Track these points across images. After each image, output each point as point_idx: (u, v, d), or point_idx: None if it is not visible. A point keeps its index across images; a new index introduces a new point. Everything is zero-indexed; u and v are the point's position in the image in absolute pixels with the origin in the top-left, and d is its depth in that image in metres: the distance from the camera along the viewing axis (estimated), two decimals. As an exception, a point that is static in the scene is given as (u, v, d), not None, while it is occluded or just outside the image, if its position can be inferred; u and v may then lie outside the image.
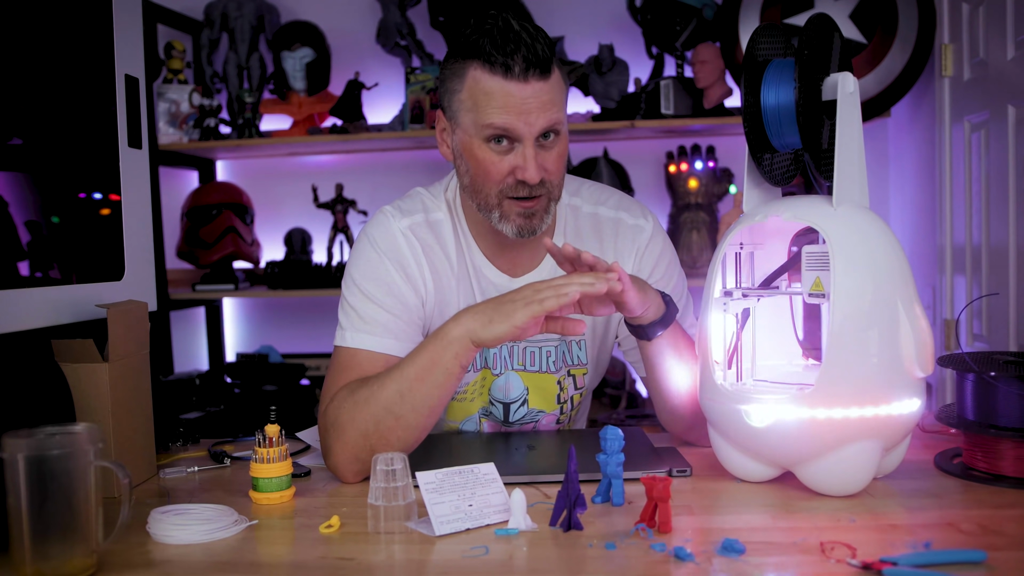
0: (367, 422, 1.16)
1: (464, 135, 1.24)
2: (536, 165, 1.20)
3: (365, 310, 1.27)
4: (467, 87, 1.21)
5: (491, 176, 1.23)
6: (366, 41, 3.01)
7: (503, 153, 1.22)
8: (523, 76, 1.18)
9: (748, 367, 1.23)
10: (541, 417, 1.41)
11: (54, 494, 0.87)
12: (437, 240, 1.34)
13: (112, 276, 1.36)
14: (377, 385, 1.18)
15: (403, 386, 1.16)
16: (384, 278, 1.29)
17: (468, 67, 1.21)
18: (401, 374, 1.17)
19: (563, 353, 1.39)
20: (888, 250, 1.07)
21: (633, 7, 2.79)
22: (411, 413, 1.16)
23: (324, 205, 2.97)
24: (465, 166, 1.26)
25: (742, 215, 1.18)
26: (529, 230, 1.25)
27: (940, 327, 2.49)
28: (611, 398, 2.85)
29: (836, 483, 1.06)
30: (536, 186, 1.22)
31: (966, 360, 1.16)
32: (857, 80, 1.10)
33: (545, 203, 1.25)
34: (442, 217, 1.35)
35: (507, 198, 1.24)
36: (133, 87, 1.41)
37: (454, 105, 1.24)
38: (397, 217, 1.33)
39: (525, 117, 1.19)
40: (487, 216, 1.27)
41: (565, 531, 0.98)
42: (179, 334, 3.21)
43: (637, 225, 1.40)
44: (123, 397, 1.19)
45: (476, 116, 1.21)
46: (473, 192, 1.27)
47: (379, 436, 1.16)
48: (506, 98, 1.18)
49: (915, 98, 2.68)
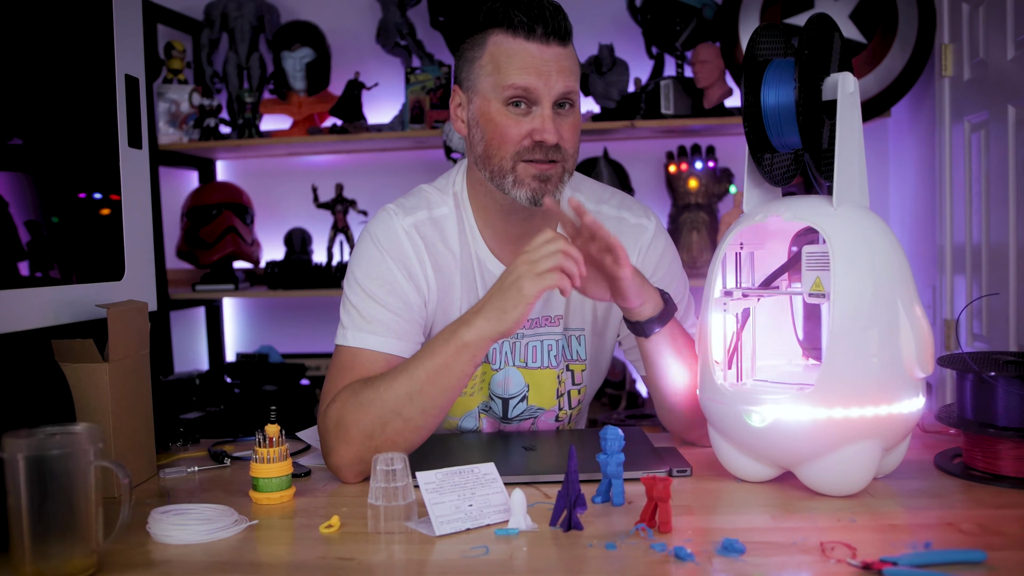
0: (373, 424, 1.16)
1: (482, 101, 1.26)
2: (553, 126, 1.22)
3: (367, 309, 1.27)
4: (488, 52, 1.24)
5: (508, 137, 1.24)
6: (366, 41, 3.01)
7: (521, 116, 1.23)
8: (544, 39, 1.22)
9: (748, 367, 1.23)
10: (540, 414, 1.41)
11: (54, 494, 0.87)
12: (441, 236, 1.34)
13: (112, 276, 1.36)
14: (384, 387, 1.17)
15: (413, 388, 1.16)
16: (386, 277, 1.29)
17: (489, 35, 1.24)
18: (410, 376, 1.16)
19: (563, 348, 1.40)
20: (888, 250, 1.07)
21: (633, 7, 2.79)
22: (420, 415, 1.16)
23: (324, 205, 2.97)
24: (481, 133, 1.27)
25: (742, 215, 1.18)
26: (543, 193, 1.25)
27: (940, 327, 2.49)
28: (611, 398, 2.85)
29: (836, 483, 1.06)
30: (552, 150, 1.23)
31: (966, 360, 1.16)
32: (857, 80, 1.10)
33: (560, 171, 1.26)
34: (447, 211, 1.35)
35: (522, 161, 1.24)
36: (133, 87, 1.41)
37: (474, 73, 1.27)
38: (400, 215, 1.33)
39: (545, 79, 1.21)
40: (500, 184, 1.26)
41: (565, 531, 0.98)
42: (179, 334, 3.21)
43: (640, 224, 1.40)
44: (123, 397, 1.19)
45: (497, 78, 1.23)
46: (486, 159, 1.27)
47: (385, 438, 1.16)
48: (528, 58, 1.21)
49: (915, 98, 2.68)
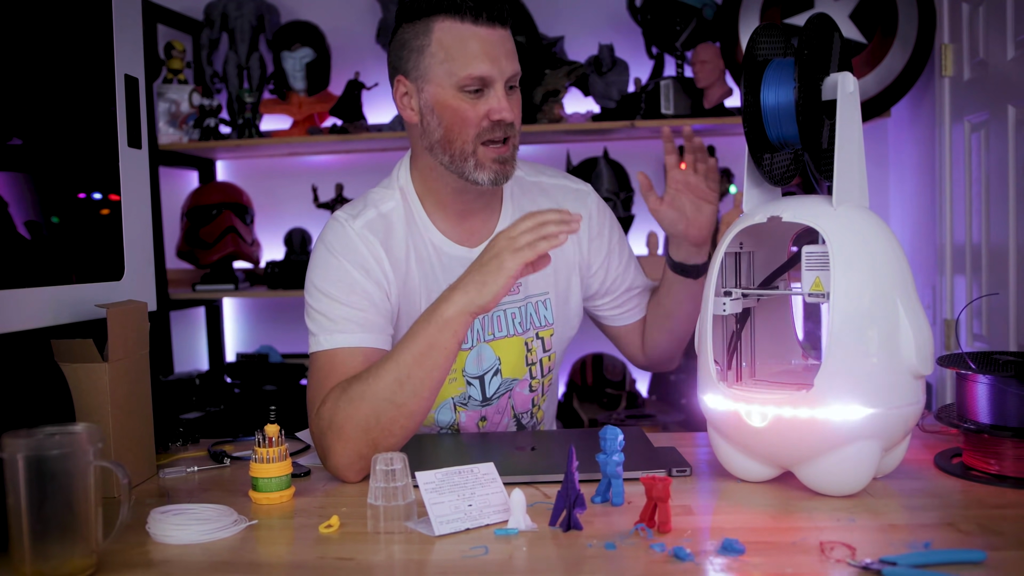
0: (367, 417, 1.17)
1: (436, 88, 1.29)
2: (508, 105, 1.27)
3: (333, 311, 1.28)
4: (436, 39, 1.27)
5: (468, 121, 1.28)
6: (366, 41, 3.01)
7: (476, 99, 1.27)
8: (490, 23, 1.26)
9: (748, 367, 1.23)
10: (514, 385, 1.43)
11: (54, 494, 0.87)
12: (391, 229, 1.36)
13: (112, 276, 1.36)
14: (372, 378, 1.18)
15: (401, 373, 1.17)
16: (345, 279, 1.30)
17: (434, 21, 1.27)
18: (396, 363, 1.18)
19: (530, 315, 1.43)
20: (888, 250, 1.07)
21: (633, 7, 2.79)
22: (412, 399, 1.18)
23: (324, 205, 2.97)
24: (437, 120, 1.30)
25: (742, 215, 1.18)
26: (504, 175, 1.31)
27: (940, 327, 2.49)
28: (611, 398, 2.84)
29: (836, 483, 1.06)
30: (507, 127, 1.29)
31: (966, 360, 1.16)
32: (857, 80, 1.10)
33: (512, 149, 1.32)
34: (393, 205, 1.38)
35: (482, 144, 1.29)
36: (133, 87, 1.41)
37: (423, 62, 1.29)
38: (349, 220, 1.35)
39: (497, 64, 1.26)
40: (459, 169, 1.30)
41: (565, 531, 0.98)
42: (179, 334, 3.21)
43: (580, 190, 1.50)
44: (123, 397, 1.19)
45: (451, 66, 1.26)
46: (446, 144, 1.30)
47: (381, 428, 1.17)
48: (480, 44, 1.26)
49: (915, 98, 2.68)
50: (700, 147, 1.32)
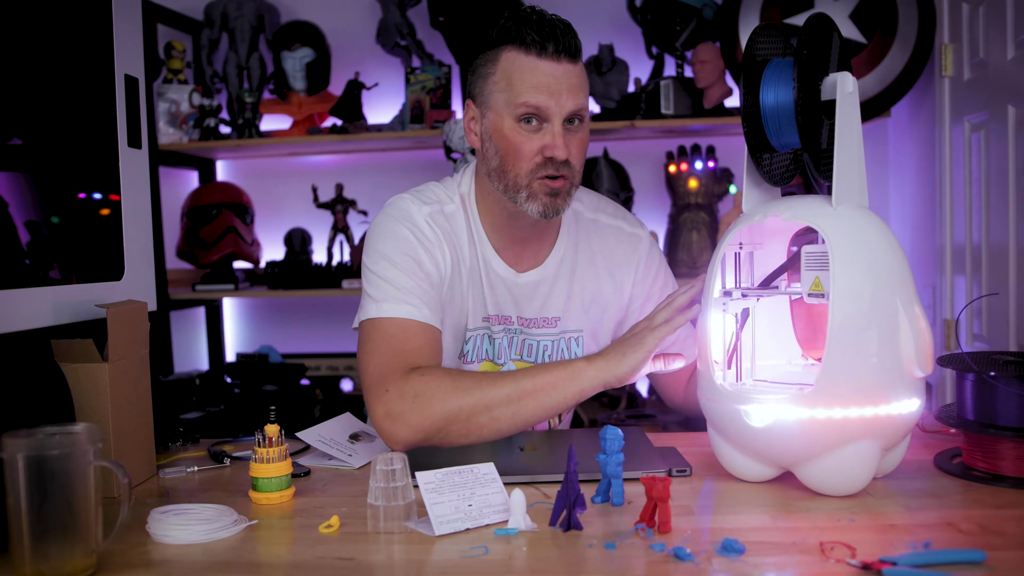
0: (461, 409, 1.18)
1: (495, 116, 1.30)
2: (563, 143, 1.27)
3: (400, 281, 1.29)
4: (501, 68, 1.29)
5: (522, 154, 1.28)
6: (366, 41, 3.01)
7: (532, 132, 1.28)
8: (556, 56, 1.26)
9: (748, 367, 1.23)
10: None
11: (54, 494, 0.87)
12: (453, 230, 1.37)
13: (112, 276, 1.36)
14: (488, 382, 1.21)
15: (514, 393, 1.20)
16: (413, 253, 1.31)
17: (502, 51, 1.29)
18: (517, 383, 1.20)
19: (561, 350, 1.44)
20: (887, 250, 1.07)
21: (633, 7, 2.79)
22: (508, 420, 1.20)
23: (324, 205, 2.97)
24: (494, 148, 1.31)
25: (742, 215, 1.18)
26: (554, 209, 1.31)
27: (940, 327, 2.49)
28: (611, 398, 2.84)
29: (836, 483, 1.06)
30: (562, 165, 1.28)
31: (966, 360, 1.16)
32: (856, 80, 1.10)
33: (568, 186, 1.31)
34: (455, 209, 1.39)
35: (537, 178, 1.29)
36: (133, 87, 1.41)
37: (487, 89, 1.30)
38: (417, 204, 1.36)
39: (556, 97, 1.26)
40: (513, 198, 1.31)
41: (565, 531, 0.98)
42: (179, 334, 3.21)
43: (635, 234, 1.48)
44: (123, 397, 1.19)
45: (509, 95, 1.27)
46: (501, 174, 1.31)
47: (461, 425, 1.19)
48: (539, 76, 1.26)
49: (915, 98, 2.68)
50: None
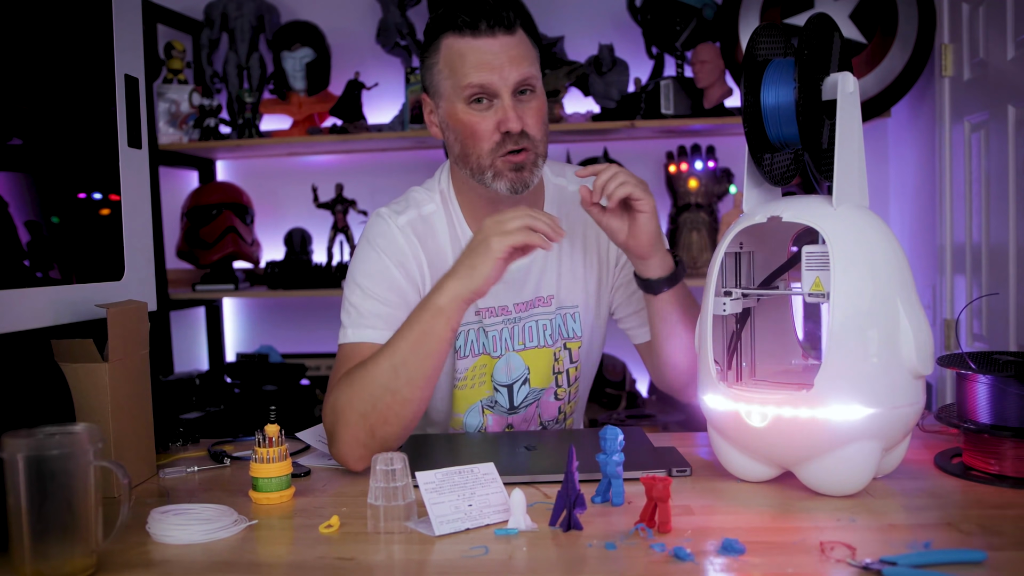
0: (364, 402, 1.18)
1: (448, 104, 1.31)
2: (515, 115, 1.26)
3: (366, 306, 1.31)
4: (443, 56, 1.30)
5: (479, 134, 1.28)
6: (366, 41, 3.01)
7: (484, 111, 1.28)
8: (491, 32, 1.26)
9: (748, 367, 1.23)
10: (541, 395, 1.44)
11: (54, 494, 0.87)
12: (433, 232, 1.38)
13: (112, 276, 1.36)
14: (371, 364, 1.20)
15: (396, 360, 1.19)
16: (384, 275, 1.33)
17: (441, 40, 1.30)
18: (392, 350, 1.20)
19: (559, 326, 1.43)
20: (888, 250, 1.07)
21: (633, 7, 2.79)
22: (407, 386, 1.19)
23: (324, 205, 2.97)
24: (454, 135, 1.32)
25: (742, 215, 1.18)
26: (522, 183, 1.30)
27: (940, 327, 2.49)
28: (611, 398, 2.84)
29: (836, 483, 1.06)
30: (520, 137, 1.28)
31: (966, 360, 1.16)
32: (857, 80, 1.10)
33: (532, 157, 1.30)
34: (434, 208, 1.39)
35: (499, 156, 1.29)
36: (133, 87, 1.41)
37: (435, 79, 1.32)
38: (393, 216, 1.37)
39: (499, 72, 1.26)
40: (480, 180, 1.31)
41: (565, 531, 0.98)
42: (179, 334, 3.21)
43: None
44: (123, 397, 1.19)
45: (455, 80, 1.28)
46: (464, 158, 1.32)
47: (377, 415, 1.18)
48: (478, 55, 1.26)
49: (915, 98, 2.68)
50: (600, 187, 1.23)
